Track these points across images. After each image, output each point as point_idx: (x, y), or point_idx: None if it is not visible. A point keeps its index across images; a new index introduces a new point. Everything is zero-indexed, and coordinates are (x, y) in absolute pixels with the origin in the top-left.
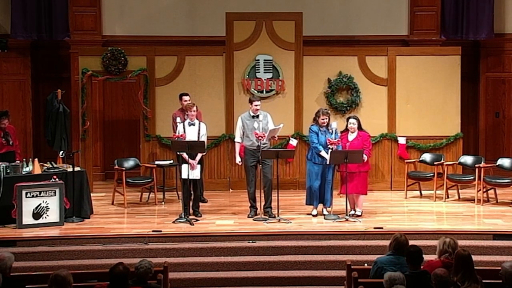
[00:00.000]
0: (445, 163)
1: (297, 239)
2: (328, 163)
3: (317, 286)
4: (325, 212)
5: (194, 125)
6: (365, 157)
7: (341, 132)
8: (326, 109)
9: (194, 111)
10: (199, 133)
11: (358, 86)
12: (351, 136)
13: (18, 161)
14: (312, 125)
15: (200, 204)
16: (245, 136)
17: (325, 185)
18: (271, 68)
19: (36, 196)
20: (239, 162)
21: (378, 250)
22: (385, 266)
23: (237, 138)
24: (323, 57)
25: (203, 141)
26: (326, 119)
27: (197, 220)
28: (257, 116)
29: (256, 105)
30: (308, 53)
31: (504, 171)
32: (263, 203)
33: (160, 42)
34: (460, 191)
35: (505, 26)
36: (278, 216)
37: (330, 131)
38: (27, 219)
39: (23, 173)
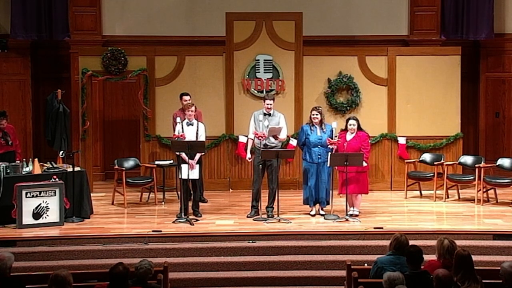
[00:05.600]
0: (445, 163)
1: (297, 239)
2: (328, 165)
3: (317, 286)
4: (321, 212)
5: (192, 125)
6: (364, 164)
7: (340, 131)
8: (318, 106)
9: (192, 111)
10: (197, 133)
11: (358, 86)
12: (349, 136)
13: (18, 161)
14: (305, 124)
15: (200, 204)
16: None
17: (320, 184)
18: (271, 68)
19: (36, 196)
20: (249, 159)
21: (378, 250)
22: (385, 266)
23: (250, 135)
24: (323, 57)
25: (203, 141)
26: (317, 115)
27: (197, 220)
28: (269, 115)
29: (268, 104)
30: (308, 53)
31: (504, 171)
32: (265, 202)
33: (160, 42)
34: (460, 191)
35: (505, 26)
36: (278, 216)
37: (324, 130)
38: (27, 219)
39: (23, 173)
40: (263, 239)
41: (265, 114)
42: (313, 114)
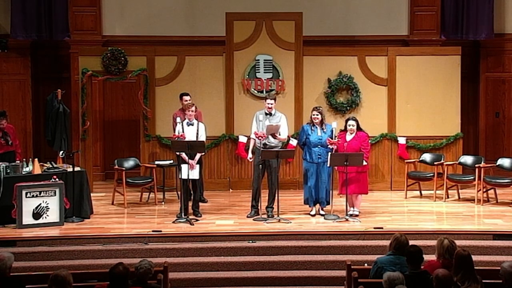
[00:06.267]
0: (445, 163)
1: (297, 239)
2: (328, 165)
3: (317, 286)
4: (321, 212)
5: (192, 125)
6: (364, 163)
7: (340, 131)
8: (318, 106)
9: (192, 111)
10: (197, 133)
11: (358, 86)
12: (349, 136)
13: (18, 161)
14: (306, 123)
15: (200, 204)
16: None
17: (320, 184)
18: (271, 68)
19: (36, 196)
20: (250, 158)
21: (378, 250)
22: (385, 266)
23: (252, 135)
24: (323, 57)
25: (203, 141)
26: (317, 115)
27: (197, 220)
28: (270, 114)
29: (268, 103)
30: (308, 53)
31: (504, 171)
32: (265, 202)
33: (160, 42)
34: (460, 191)
35: (505, 26)
36: (278, 216)
37: (324, 130)
38: (27, 219)
39: (23, 173)
40: (263, 239)
41: (266, 114)
42: (314, 114)
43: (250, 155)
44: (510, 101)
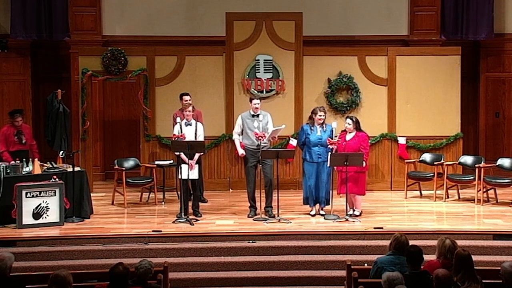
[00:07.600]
0: (445, 163)
1: (297, 239)
2: (328, 165)
3: (317, 286)
4: (321, 212)
5: (191, 125)
6: (363, 163)
7: (341, 132)
8: (322, 106)
9: (189, 111)
10: (196, 133)
11: (358, 86)
12: (348, 136)
13: (18, 161)
14: (305, 123)
15: (200, 204)
16: (245, 135)
17: (320, 184)
18: (271, 68)
19: (36, 196)
20: (242, 154)
21: (378, 250)
22: (385, 266)
23: (235, 135)
24: (323, 57)
25: (203, 141)
26: (323, 116)
27: (197, 220)
28: (257, 115)
29: (255, 104)
30: (308, 53)
31: (504, 171)
32: (263, 203)
33: (160, 42)
34: (460, 191)
35: (505, 26)
36: (278, 216)
37: (324, 129)
38: (27, 219)
39: (23, 173)
40: (263, 239)
41: (253, 115)
42: (320, 115)
43: (241, 151)
44: (510, 101)
